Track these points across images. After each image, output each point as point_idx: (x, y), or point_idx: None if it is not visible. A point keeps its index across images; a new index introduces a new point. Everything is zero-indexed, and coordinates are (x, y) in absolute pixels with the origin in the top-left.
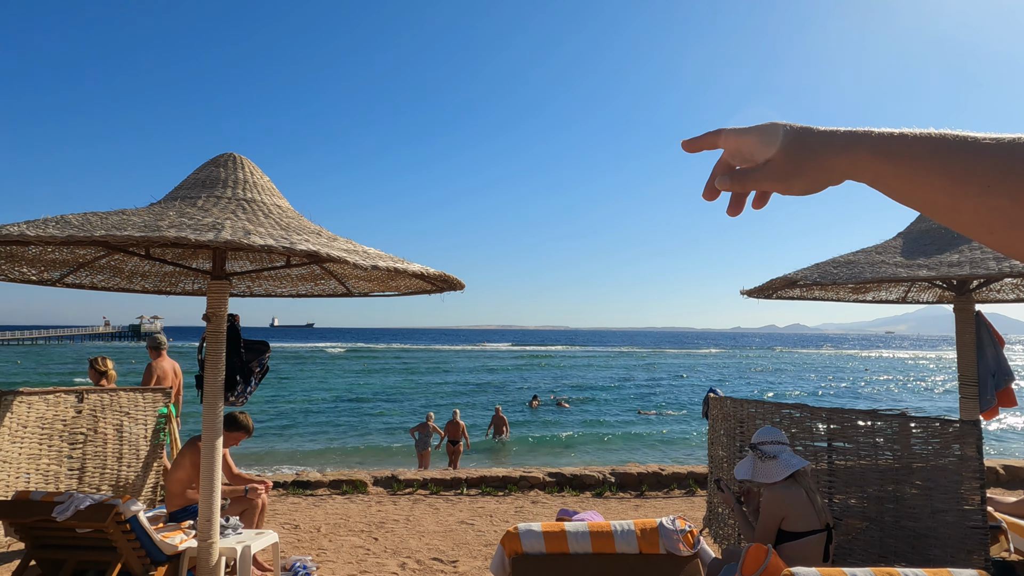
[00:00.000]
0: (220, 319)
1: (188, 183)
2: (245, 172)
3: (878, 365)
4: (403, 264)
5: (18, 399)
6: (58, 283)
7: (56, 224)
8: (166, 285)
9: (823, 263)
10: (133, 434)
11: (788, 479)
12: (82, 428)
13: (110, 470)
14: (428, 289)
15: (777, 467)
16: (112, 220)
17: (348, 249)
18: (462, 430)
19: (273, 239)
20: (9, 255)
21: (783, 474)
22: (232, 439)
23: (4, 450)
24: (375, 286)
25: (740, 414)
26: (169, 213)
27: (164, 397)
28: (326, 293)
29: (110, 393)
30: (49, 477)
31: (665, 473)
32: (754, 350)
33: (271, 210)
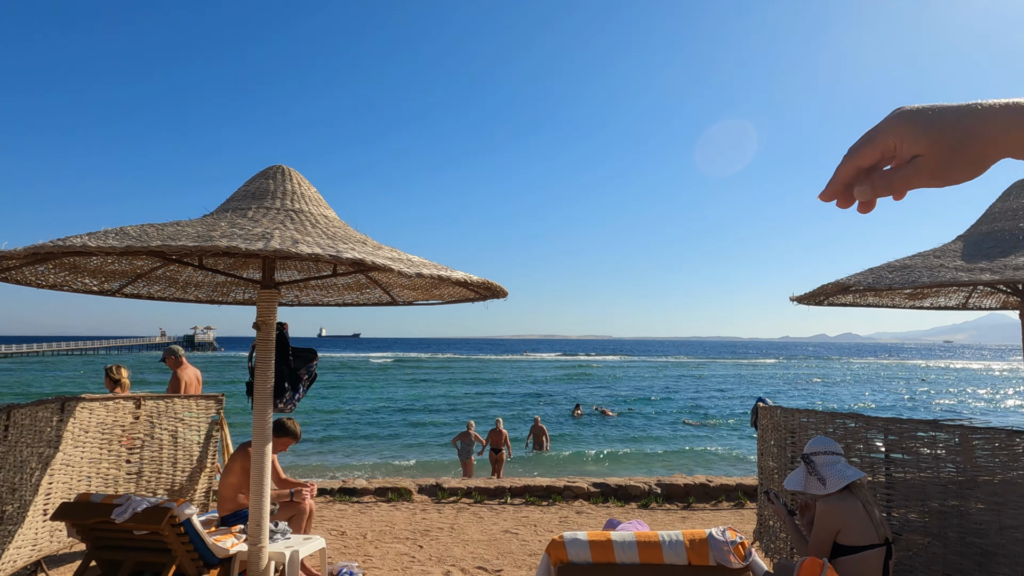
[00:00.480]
0: (269, 327)
1: (239, 195)
2: (293, 183)
3: (937, 375)
4: (447, 272)
5: (80, 405)
6: (117, 293)
7: (116, 235)
8: (218, 295)
9: (877, 268)
10: (187, 440)
11: (844, 491)
12: (139, 433)
13: (165, 474)
14: (471, 297)
15: (832, 478)
16: (168, 231)
17: (393, 257)
18: (505, 439)
19: (320, 248)
20: (72, 266)
21: (838, 485)
22: (280, 445)
23: (67, 454)
24: (419, 295)
25: (791, 424)
26: (221, 224)
27: (216, 404)
28: (371, 302)
29: (166, 400)
30: (109, 480)
31: (713, 485)
32: (805, 359)
33: (318, 220)
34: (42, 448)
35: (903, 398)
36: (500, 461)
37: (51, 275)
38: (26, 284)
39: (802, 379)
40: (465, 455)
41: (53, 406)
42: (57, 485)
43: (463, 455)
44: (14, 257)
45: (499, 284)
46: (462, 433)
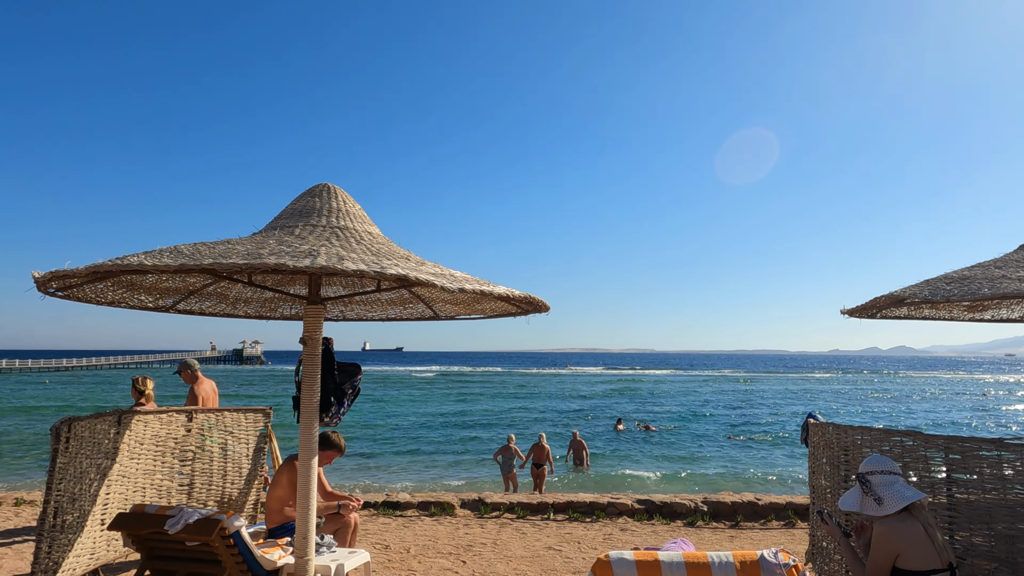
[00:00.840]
0: (315, 342)
1: (286, 213)
2: (338, 201)
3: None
4: (489, 287)
5: (136, 418)
6: (171, 309)
7: (170, 254)
8: (266, 310)
9: (933, 279)
10: (236, 452)
11: (902, 512)
12: (191, 446)
13: (215, 486)
14: (513, 312)
15: (889, 499)
16: (219, 249)
17: (435, 273)
18: (547, 454)
19: (365, 264)
20: (129, 284)
21: (896, 507)
22: (326, 458)
23: (123, 465)
24: (462, 309)
25: (844, 442)
26: (269, 242)
27: (264, 417)
28: (414, 317)
29: (216, 413)
30: (162, 492)
31: (762, 503)
32: (858, 373)
33: (363, 236)
34: (100, 459)
35: (964, 414)
36: (542, 476)
37: (110, 292)
38: (87, 301)
39: (857, 394)
40: (507, 469)
41: (111, 419)
42: (114, 496)
43: (505, 469)
44: (76, 276)
45: (541, 299)
46: (503, 447)
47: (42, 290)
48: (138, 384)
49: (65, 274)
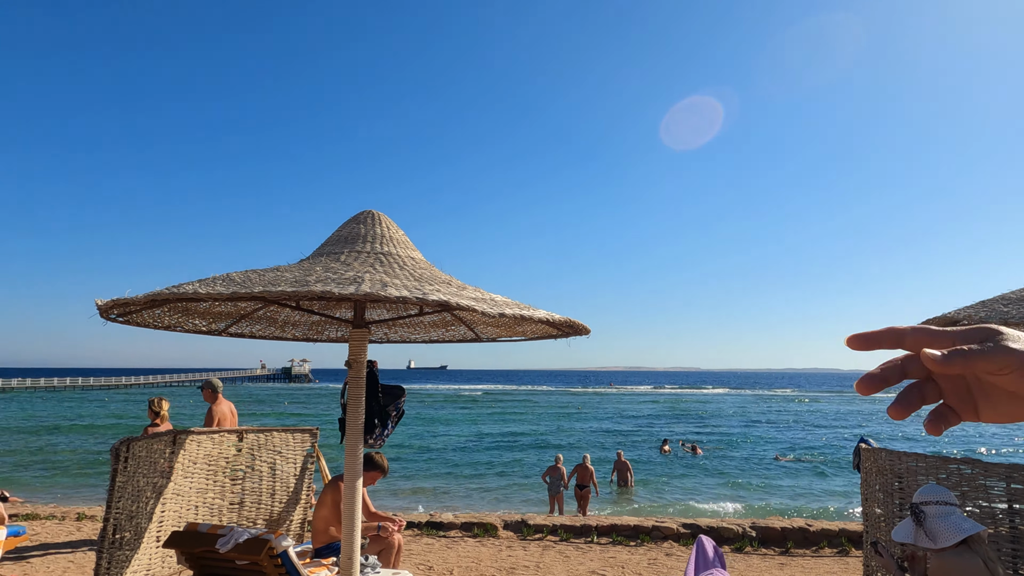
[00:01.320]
0: (360, 365)
1: (333, 240)
2: (382, 227)
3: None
4: (529, 311)
5: (190, 438)
6: (223, 333)
7: (223, 282)
8: (313, 333)
9: (990, 301)
10: (284, 472)
11: (960, 545)
12: (241, 465)
13: (264, 505)
14: (554, 334)
15: (945, 531)
16: (268, 276)
17: (476, 298)
18: (591, 475)
19: (407, 290)
20: (185, 309)
21: (953, 539)
22: (369, 479)
23: (178, 484)
24: (503, 331)
25: (898, 468)
26: (316, 268)
27: (311, 437)
28: (457, 339)
29: (266, 433)
30: (214, 510)
31: (813, 529)
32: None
33: (405, 262)
34: (156, 478)
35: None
36: (586, 498)
37: (166, 317)
38: (146, 326)
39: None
40: (554, 490)
41: (166, 439)
42: (168, 513)
43: (552, 490)
44: (135, 303)
45: (581, 322)
46: (551, 467)
47: (104, 316)
48: (154, 406)
49: (125, 302)
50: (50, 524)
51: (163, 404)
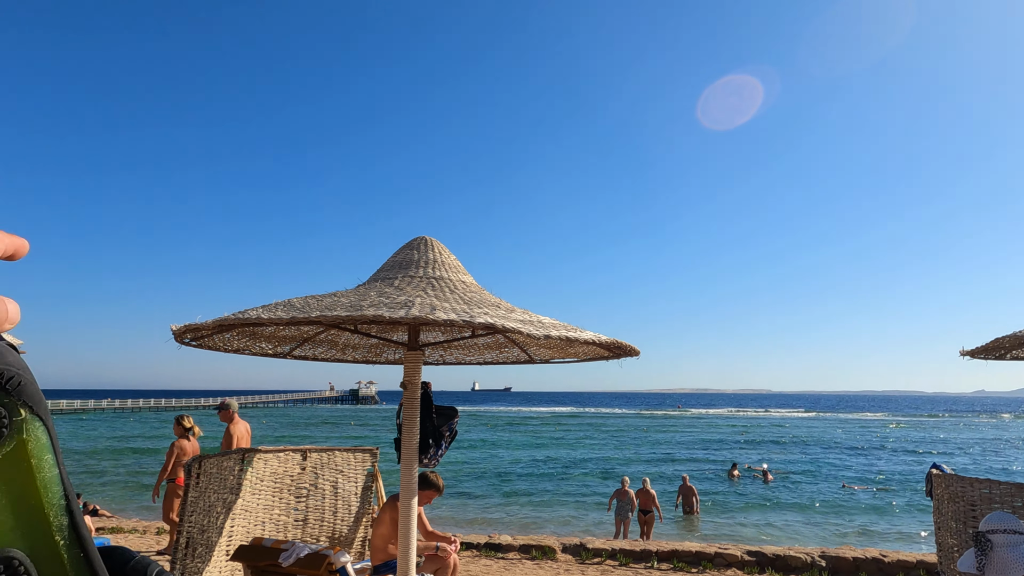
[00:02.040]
0: (415, 387)
1: (388, 265)
2: (434, 252)
3: None
4: (575, 332)
5: (257, 456)
6: (288, 355)
7: (284, 307)
8: (372, 355)
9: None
10: (345, 490)
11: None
12: (305, 483)
13: (327, 523)
14: (605, 356)
15: (1014, 561)
16: (326, 302)
17: (523, 320)
18: (653, 499)
19: (455, 313)
20: (252, 334)
21: (1021, 572)
22: (425, 498)
23: (246, 500)
24: (555, 353)
25: (971, 495)
26: (371, 293)
27: (371, 457)
28: (510, 360)
29: (328, 453)
30: (280, 526)
31: (888, 560)
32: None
33: (456, 286)
34: (225, 494)
35: None
36: (650, 523)
37: (235, 341)
38: (216, 349)
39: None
40: (622, 514)
41: (235, 456)
42: (237, 528)
43: (619, 514)
44: (205, 328)
45: (629, 344)
46: (618, 491)
47: (178, 340)
48: (183, 421)
49: (197, 327)
50: (133, 537)
51: (190, 420)
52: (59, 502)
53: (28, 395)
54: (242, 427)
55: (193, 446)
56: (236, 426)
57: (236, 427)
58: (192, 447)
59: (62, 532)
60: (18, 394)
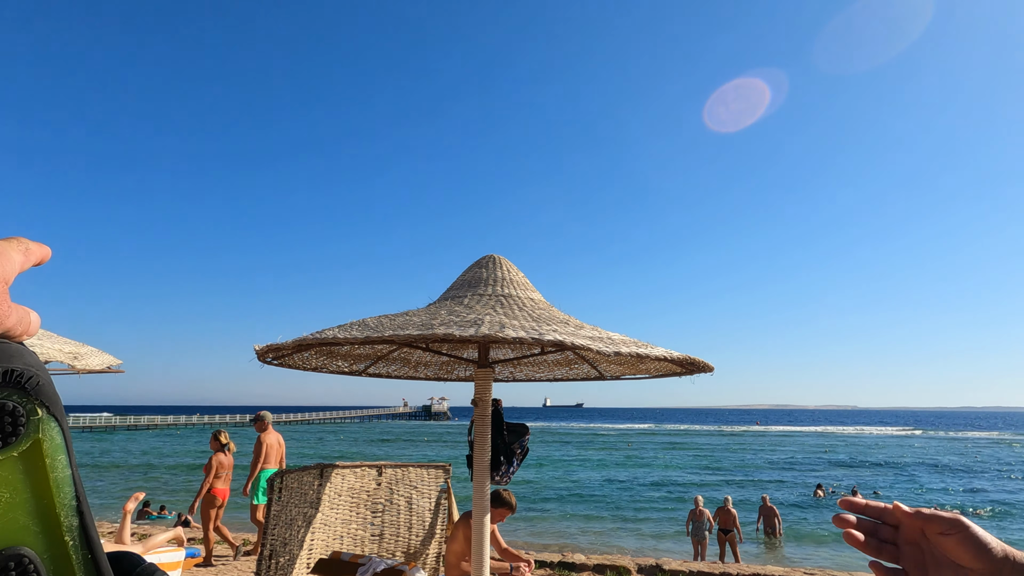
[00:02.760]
0: (485, 404)
1: (457, 283)
2: (503, 270)
3: None
4: (646, 349)
5: (335, 471)
6: (363, 373)
7: (358, 327)
8: (444, 372)
9: None
10: (420, 506)
11: None
12: (381, 499)
13: (402, 538)
14: (678, 372)
15: None
16: (398, 321)
17: (592, 336)
18: (734, 519)
19: (524, 331)
20: (329, 352)
21: None
22: (497, 515)
23: (324, 514)
24: (626, 369)
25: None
26: (441, 312)
27: (444, 473)
28: (580, 377)
29: (403, 469)
30: (357, 540)
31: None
32: None
33: (525, 303)
34: (306, 508)
35: None
36: (732, 543)
37: (313, 360)
38: (295, 368)
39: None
40: (698, 535)
41: (314, 471)
42: (317, 542)
43: (695, 534)
44: (286, 348)
45: (702, 360)
46: (692, 511)
47: (261, 360)
48: (221, 437)
49: (278, 347)
50: (220, 548)
51: (226, 436)
52: (70, 503)
53: (46, 395)
54: (273, 437)
55: (229, 460)
56: (268, 436)
57: (268, 436)
58: (228, 461)
59: (72, 532)
60: (36, 393)
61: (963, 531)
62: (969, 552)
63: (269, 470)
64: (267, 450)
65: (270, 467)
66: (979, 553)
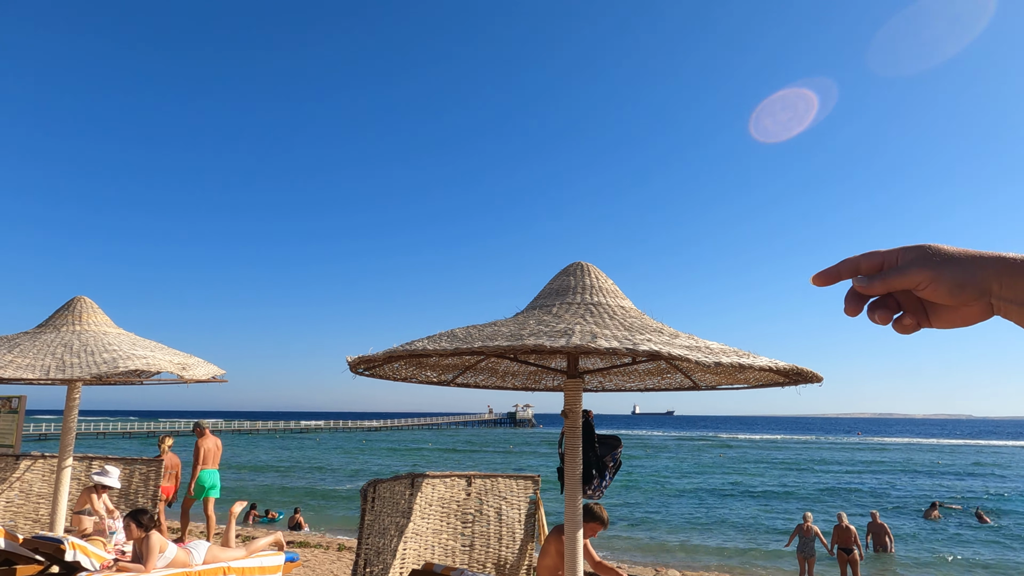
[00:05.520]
0: (576, 415)
1: (545, 292)
2: (591, 278)
3: None
4: (749, 359)
5: (426, 481)
6: (451, 383)
7: (447, 338)
8: (531, 382)
9: None
10: (509, 517)
11: None
12: (471, 509)
13: (492, 549)
14: (781, 382)
15: None
16: (486, 332)
17: (689, 346)
18: (854, 537)
19: (617, 341)
20: (418, 363)
21: None
22: (589, 530)
23: (416, 524)
24: (722, 379)
25: None
26: (530, 322)
27: (533, 484)
28: (673, 387)
29: (492, 479)
30: (447, 551)
31: None
32: None
33: (615, 311)
34: (398, 518)
35: None
36: (853, 563)
37: (403, 370)
38: (386, 378)
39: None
40: (805, 552)
41: (406, 481)
42: (409, 552)
43: (803, 552)
44: (377, 359)
45: (811, 370)
46: (798, 527)
47: (354, 371)
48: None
49: (369, 358)
50: (317, 552)
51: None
52: None
53: None
54: (211, 441)
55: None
56: (206, 440)
57: (206, 441)
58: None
59: None
60: None
61: (933, 281)
62: (947, 297)
63: (207, 470)
64: (205, 453)
65: (207, 467)
66: (955, 291)
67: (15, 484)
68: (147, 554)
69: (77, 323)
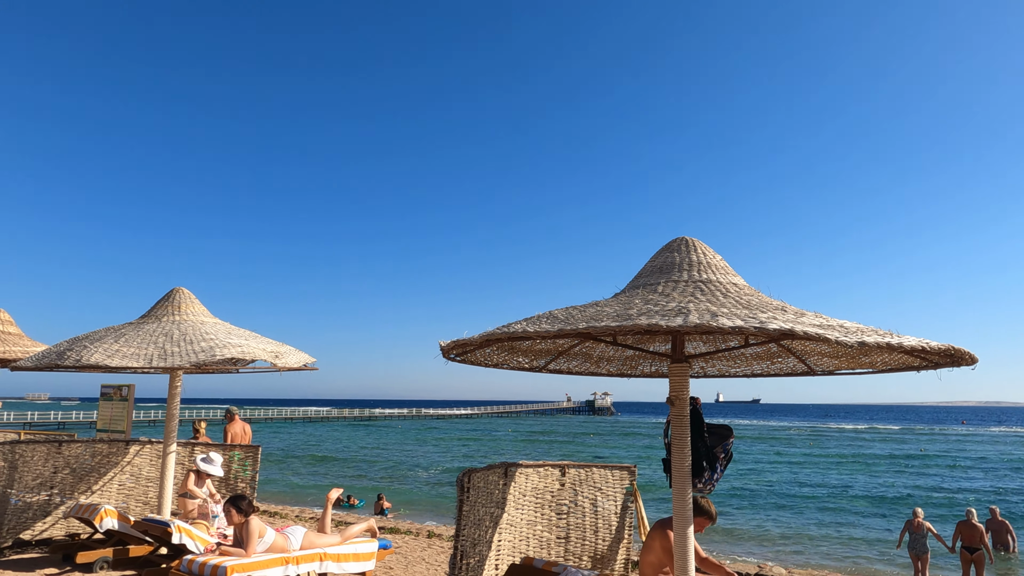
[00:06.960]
0: (683, 402)
1: (646, 271)
2: (698, 254)
3: None
4: (896, 338)
5: (519, 471)
6: (543, 370)
7: (547, 320)
8: (627, 368)
9: None
10: (605, 509)
11: None
12: (565, 500)
13: (588, 542)
14: (918, 365)
15: None
16: (589, 312)
17: (823, 324)
18: (981, 534)
19: (741, 319)
20: (511, 348)
21: None
22: (697, 525)
23: (510, 515)
24: (843, 363)
25: None
26: (635, 301)
27: (629, 475)
28: (783, 372)
29: (586, 469)
30: (543, 543)
31: None
32: None
33: (728, 289)
34: (492, 508)
35: None
36: (979, 564)
37: (495, 356)
38: (477, 364)
39: None
40: (917, 549)
41: (499, 471)
42: (504, 543)
43: (915, 549)
44: (471, 343)
45: (965, 349)
46: (908, 522)
47: (446, 356)
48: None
49: (464, 342)
50: (408, 538)
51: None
52: None
53: None
54: (239, 426)
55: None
56: (234, 425)
57: (234, 426)
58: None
59: None
60: None
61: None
62: None
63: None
64: (232, 437)
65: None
66: None
67: (126, 468)
68: (247, 539)
69: (177, 313)
